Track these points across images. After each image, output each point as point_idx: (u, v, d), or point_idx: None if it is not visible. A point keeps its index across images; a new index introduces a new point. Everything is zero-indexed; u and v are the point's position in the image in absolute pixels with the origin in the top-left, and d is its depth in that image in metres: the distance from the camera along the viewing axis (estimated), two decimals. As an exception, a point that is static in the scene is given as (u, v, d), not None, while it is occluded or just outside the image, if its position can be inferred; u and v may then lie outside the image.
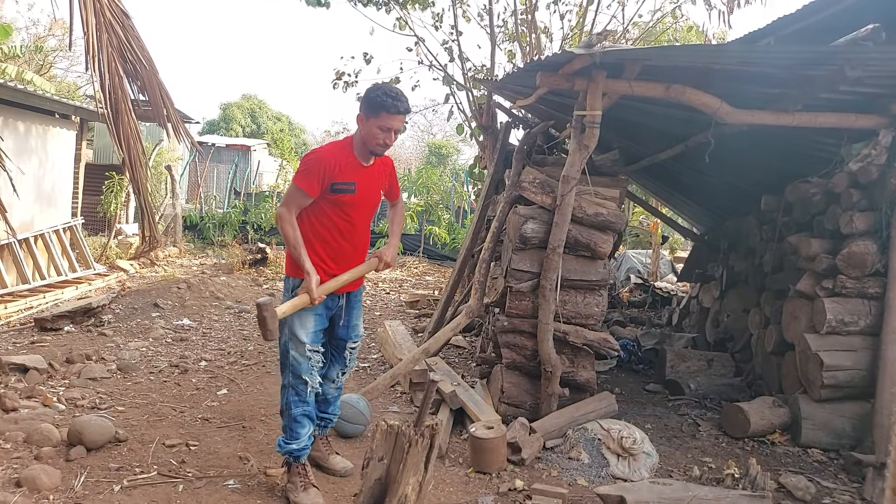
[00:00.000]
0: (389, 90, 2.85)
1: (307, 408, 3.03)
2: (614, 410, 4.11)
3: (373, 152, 2.95)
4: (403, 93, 2.89)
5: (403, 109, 2.86)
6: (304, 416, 3.03)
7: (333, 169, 2.89)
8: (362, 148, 2.96)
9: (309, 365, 3.00)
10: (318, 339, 3.04)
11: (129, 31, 5.03)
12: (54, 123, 8.82)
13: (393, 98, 2.82)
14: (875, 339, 3.99)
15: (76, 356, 4.98)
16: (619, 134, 5.41)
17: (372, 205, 3.13)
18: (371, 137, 2.89)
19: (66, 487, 2.96)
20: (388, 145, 2.93)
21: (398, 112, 2.84)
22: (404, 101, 2.86)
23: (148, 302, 7.14)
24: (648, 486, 2.81)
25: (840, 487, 3.58)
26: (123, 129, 5.27)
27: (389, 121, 2.85)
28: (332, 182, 2.90)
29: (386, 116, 2.83)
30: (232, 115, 29.95)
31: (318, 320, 3.02)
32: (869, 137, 4.03)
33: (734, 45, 3.88)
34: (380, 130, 2.85)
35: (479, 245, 5.90)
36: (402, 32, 8.63)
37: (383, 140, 2.88)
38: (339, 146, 3.01)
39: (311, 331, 2.99)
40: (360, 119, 2.93)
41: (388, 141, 2.91)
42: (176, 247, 12.00)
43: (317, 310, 2.99)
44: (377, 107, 2.82)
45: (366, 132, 2.90)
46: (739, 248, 6.18)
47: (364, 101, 2.90)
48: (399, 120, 2.88)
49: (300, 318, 2.96)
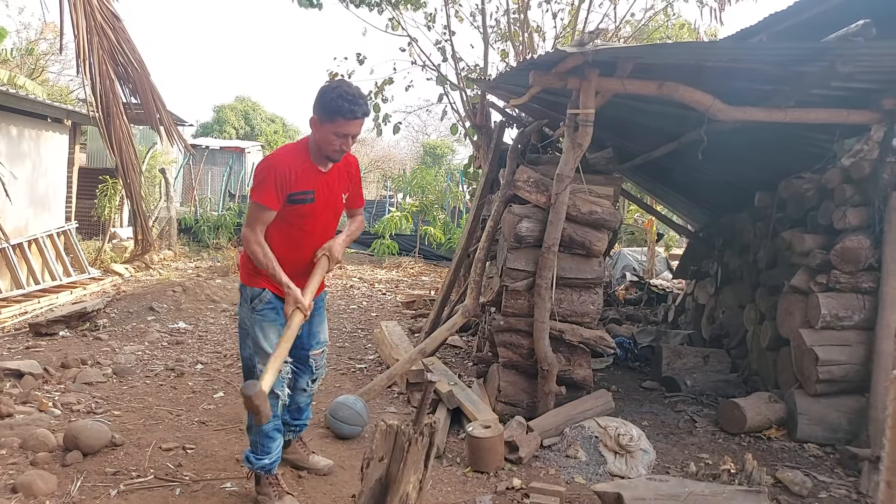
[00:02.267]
0: (346, 92, 2.58)
1: (276, 421, 2.87)
2: (611, 408, 4.11)
3: (328, 158, 2.72)
4: (361, 92, 2.65)
5: (361, 114, 2.62)
6: (275, 430, 2.89)
7: (288, 177, 2.67)
8: (318, 154, 2.73)
9: (279, 377, 2.70)
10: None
11: (120, 34, 5.02)
12: (47, 127, 8.78)
13: (349, 101, 2.56)
14: (869, 333, 4.00)
15: (71, 361, 4.96)
16: (613, 132, 5.42)
17: (333, 211, 2.91)
18: (326, 143, 2.66)
19: (63, 493, 2.95)
20: (344, 151, 2.71)
21: (355, 117, 2.60)
22: (362, 103, 2.61)
23: (143, 306, 7.12)
24: (645, 482, 2.81)
25: (836, 482, 3.59)
26: (115, 133, 5.26)
27: (346, 126, 2.61)
28: (290, 193, 2.69)
29: (342, 123, 2.59)
30: (225, 117, 29.89)
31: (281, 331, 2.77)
32: (861, 133, 4.04)
33: (726, 42, 3.90)
34: (335, 136, 2.62)
35: (474, 245, 5.90)
36: (395, 33, 8.63)
37: (339, 146, 2.66)
38: (293, 151, 2.78)
39: (276, 342, 2.73)
40: (313, 122, 2.67)
41: (345, 147, 2.68)
42: (171, 250, 11.96)
43: (277, 321, 2.80)
44: (332, 111, 2.58)
45: (320, 137, 2.66)
46: (734, 244, 6.20)
47: (318, 103, 2.62)
48: (357, 125, 2.64)
49: (263, 331, 2.80)
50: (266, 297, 2.82)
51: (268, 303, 2.82)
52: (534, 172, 4.35)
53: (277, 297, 2.81)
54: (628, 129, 5.46)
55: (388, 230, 13.08)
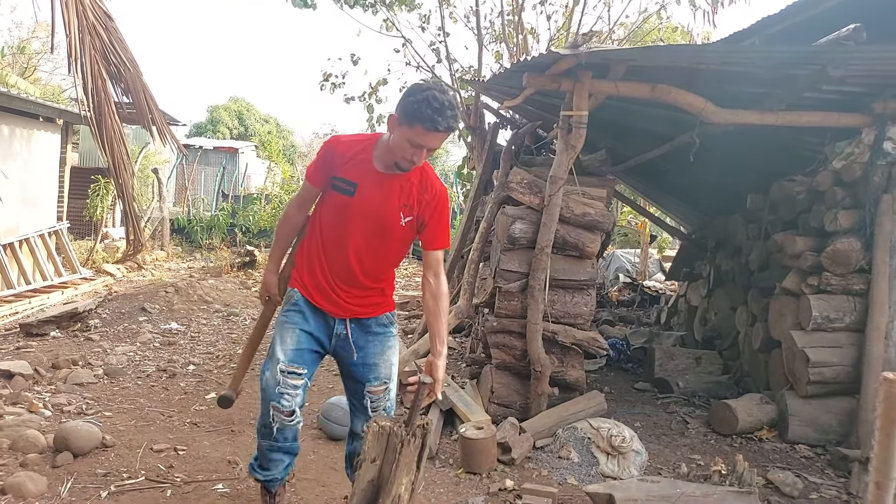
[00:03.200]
0: (433, 98, 2.15)
1: (274, 443, 2.48)
2: (604, 409, 4.12)
3: (396, 166, 2.30)
4: (453, 102, 2.21)
5: (445, 127, 2.18)
6: (276, 452, 2.52)
7: (338, 158, 2.37)
8: (385, 153, 2.33)
9: (277, 390, 2.38)
10: (300, 358, 2.42)
11: (112, 34, 5.00)
12: (39, 127, 8.73)
13: (435, 110, 2.14)
14: (860, 335, 4.03)
15: (62, 361, 4.93)
16: (606, 134, 5.43)
17: (377, 223, 2.38)
18: (397, 148, 2.25)
19: (53, 494, 2.93)
20: (415, 163, 2.28)
21: (437, 129, 2.17)
22: (449, 116, 2.17)
23: (135, 306, 7.09)
24: (637, 483, 2.82)
25: (827, 482, 3.61)
26: (107, 132, 5.24)
27: (424, 138, 2.20)
28: (333, 175, 2.38)
29: (421, 132, 2.18)
30: (219, 117, 29.80)
31: (305, 339, 2.44)
32: (852, 136, 4.06)
33: (719, 45, 3.91)
34: (409, 144, 2.22)
35: (468, 246, 5.90)
36: (390, 34, 8.63)
37: (411, 156, 2.24)
38: (358, 138, 2.45)
39: (291, 347, 2.41)
40: (391, 121, 2.28)
41: (417, 159, 2.26)
42: (163, 250, 11.92)
43: (299, 325, 2.44)
44: (413, 116, 2.17)
45: (394, 140, 2.26)
46: (726, 246, 6.23)
47: (401, 102, 2.24)
48: (437, 138, 2.21)
49: (280, 334, 2.45)
50: (294, 297, 2.49)
51: (294, 304, 2.47)
52: (527, 174, 4.36)
53: (306, 300, 2.46)
54: (622, 131, 5.48)
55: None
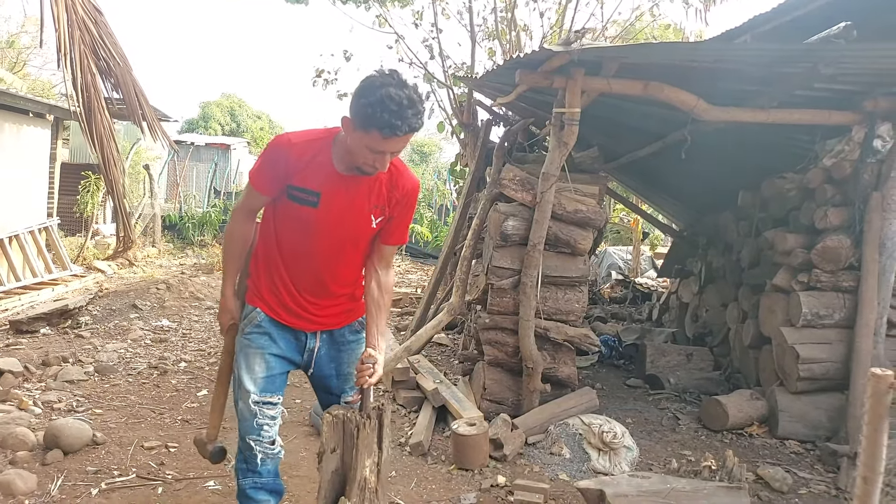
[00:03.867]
0: (390, 99, 1.85)
1: (259, 479, 2.26)
2: (595, 405, 4.14)
3: (359, 170, 2.04)
4: (415, 96, 1.91)
5: (408, 128, 1.90)
6: (256, 489, 2.27)
7: (291, 164, 2.05)
8: (346, 157, 2.05)
9: (255, 423, 2.18)
10: (271, 387, 2.21)
11: (101, 28, 4.96)
12: (28, 122, 8.66)
13: (393, 113, 1.85)
14: (849, 331, 4.06)
15: (52, 358, 4.90)
16: (599, 131, 5.44)
17: (348, 231, 2.15)
18: (358, 154, 1.98)
19: (43, 492, 2.92)
20: (379, 170, 2.02)
21: (395, 134, 1.89)
22: (411, 115, 1.89)
23: (126, 303, 7.05)
24: (627, 479, 2.83)
25: (816, 478, 3.64)
26: (97, 128, 5.20)
27: (383, 144, 1.92)
28: (289, 184, 2.07)
29: (378, 138, 1.90)
30: (211, 113, 29.67)
31: (274, 363, 2.22)
32: (843, 133, 4.09)
33: (711, 43, 3.92)
34: (368, 151, 1.94)
35: (461, 243, 5.90)
36: (382, 30, 8.62)
37: (372, 162, 1.98)
38: (311, 137, 2.11)
39: (262, 376, 2.19)
40: (345, 124, 1.98)
41: (380, 165, 1.99)
42: (155, 247, 11.86)
43: (267, 349, 2.21)
44: (368, 121, 1.88)
45: (353, 145, 1.97)
46: (717, 243, 6.26)
47: (354, 104, 1.92)
48: (399, 142, 1.94)
49: (247, 360, 2.21)
50: (256, 317, 2.22)
51: (257, 325, 2.22)
52: (520, 171, 4.36)
53: (272, 320, 2.22)
54: (614, 128, 5.49)
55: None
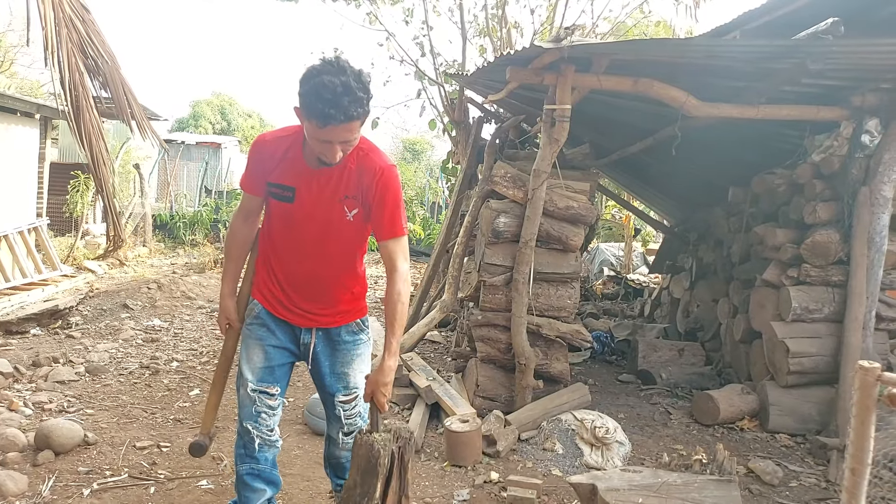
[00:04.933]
0: (324, 87, 1.85)
1: (256, 465, 2.33)
2: (588, 401, 4.15)
3: (319, 160, 2.08)
4: (352, 83, 1.87)
5: (345, 117, 1.89)
6: (253, 476, 2.34)
7: (268, 160, 2.14)
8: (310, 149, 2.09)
9: (253, 409, 2.29)
10: (269, 377, 2.30)
11: (89, 26, 4.92)
12: (16, 121, 8.58)
13: (326, 102, 1.85)
14: (839, 325, 4.09)
15: (43, 359, 4.87)
16: (590, 128, 5.46)
17: (323, 224, 2.18)
18: (311, 144, 2.04)
19: (34, 493, 2.90)
20: (335, 159, 2.03)
21: (331, 124, 1.89)
22: (346, 102, 1.87)
23: (117, 303, 7.01)
24: (619, 474, 2.85)
25: (806, 471, 3.67)
26: (86, 127, 5.16)
27: (325, 133, 1.93)
28: (268, 181, 2.17)
29: (317, 127, 1.91)
30: (201, 112, 29.53)
31: (273, 354, 2.31)
32: (831, 129, 4.12)
33: (700, 40, 3.93)
34: (317, 141, 1.97)
35: (453, 240, 5.91)
36: (373, 27, 8.59)
37: (325, 154, 2.01)
38: (285, 133, 2.19)
39: (260, 366, 2.29)
40: (297, 113, 2.01)
41: (331, 155, 2.00)
42: (146, 246, 11.79)
43: (265, 340, 2.29)
44: (306, 111, 1.92)
45: (306, 133, 2.02)
46: (708, 239, 6.29)
47: (300, 91, 1.94)
48: (341, 131, 1.93)
49: (247, 350, 2.32)
50: (255, 309, 2.32)
51: (256, 317, 2.31)
52: (511, 168, 4.37)
53: (269, 313, 2.31)
54: (605, 125, 5.51)
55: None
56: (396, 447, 2.16)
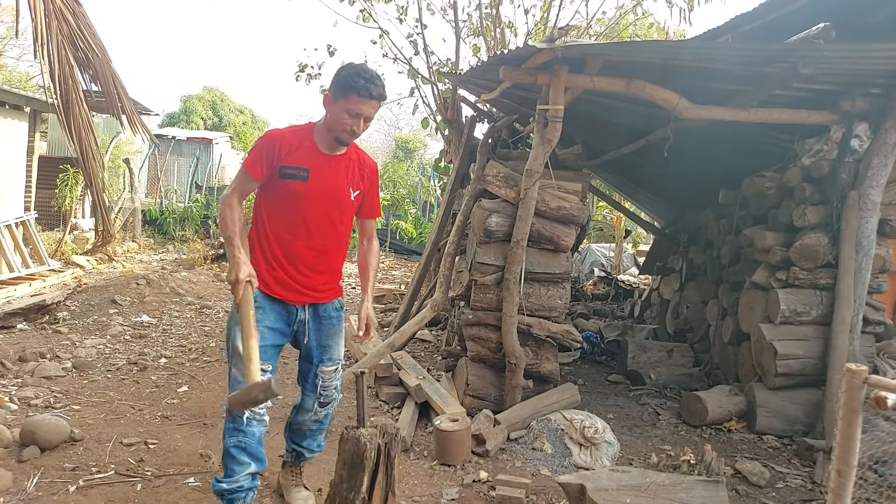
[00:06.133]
0: (364, 71, 2.46)
1: (243, 438, 2.50)
2: (577, 401, 4.16)
3: (338, 139, 2.55)
4: (380, 77, 2.51)
5: (377, 94, 2.47)
6: (240, 450, 2.50)
7: (283, 149, 2.52)
8: (325, 134, 2.57)
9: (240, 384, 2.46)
10: (263, 355, 2.45)
11: (80, 19, 4.87)
12: (5, 114, 8.50)
13: (366, 80, 2.44)
14: (826, 328, 4.12)
15: (29, 354, 4.83)
16: (582, 128, 5.47)
17: (332, 200, 2.61)
18: (337, 122, 2.50)
19: (18, 489, 2.87)
20: (356, 133, 2.52)
21: (370, 97, 2.45)
22: (379, 85, 2.48)
23: (105, 298, 6.96)
24: (608, 473, 2.86)
25: (793, 472, 3.70)
26: (75, 120, 5.11)
27: (359, 105, 2.45)
28: (281, 165, 2.52)
29: (356, 100, 2.44)
30: (192, 107, 29.31)
31: (266, 334, 2.53)
32: (821, 133, 4.15)
33: (693, 42, 3.95)
34: (347, 115, 2.46)
35: (444, 239, 5.90)
36: (366, 25, 8.56)
37: (350, 126, 2.48)
38: (295, 128, 2.65)
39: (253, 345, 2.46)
40: (327, 100, 2.53)
41: (357, 128, 2.50)
42: (135, 242, 11.71)
43: (263, 321, 2.50)
44: (347, 88, 2.44)
45: (332, 115, 2.52)
46: (698, 241, 6.32)
47: (334, 80, 2.52)
48: (371, 106, 2.49)
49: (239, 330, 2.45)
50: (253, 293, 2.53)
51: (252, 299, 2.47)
52: (503, 167, 4.37)
53: (265, 294, 2.55)
54: (597, 125, 5.52)
55: (358, 224, 13.00)
56: (383, 442, 2.16)
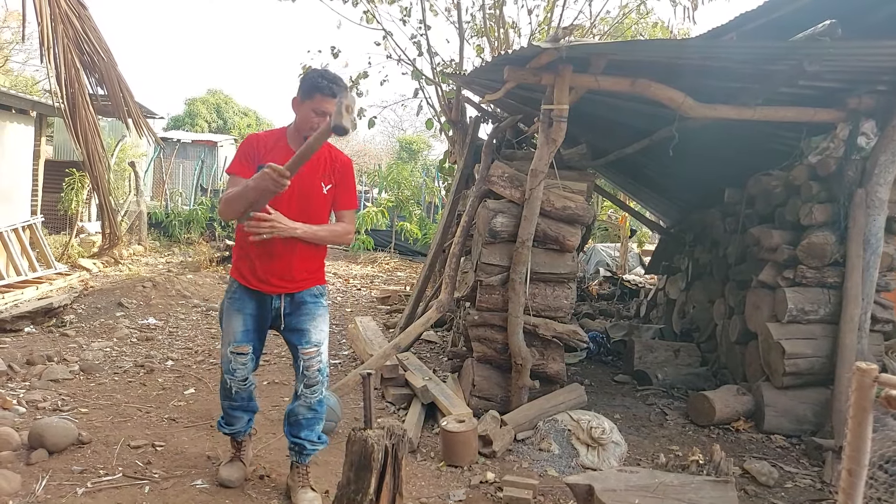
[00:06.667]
0: (326, 73, 2.76)
1: (233, 403, 3.01)
2: (584, 401, 4.15)
3: (306, 138, 2.64)
4: (342, 78, 2.79)
5: (338, 92, 2.63)
6: (234, 409, 3.04)
7: (260, 150, 2.80)
8: (296, 135, 2.82)
9: (231, 366, 2.89)
10: (244, 339, 2.88)
11: (85, 22, 4.88)
12: (11, 119, 8.54)
13: (329, 80, 2.71)
14: (834, 327, 4.10)
15: (37, 357, 4.85)
16: (587, 128, 5.45)
17: (305, 196, 2.81)
18: (305, 121, 2.76)
19: (27, 492, 2.88)
20: None
21: (332, 95, 2.67)
22: (341, 85, 2.73)
23: (112, 301, 6.98)
24: (616, 474, 2.85)
25: (802, 472, 3.68)
26: (81, 124, 5.13)
27: (324, 103, 2.70)
28: (259, 165, 2.67)
29: (320, 98, 2.70)
30: (197, 110, 29.36)
31: (248, 320, 2.88)
32: (827, 131, 4.13)
33: (697, 41, 3.94)
34: (314, 114, 2.72)
35: (449, 240, 5.90)
36: (370, 26, 8.58)
37: (317, 124, 2.69)
38: (272, 131, 2.94)
39: (237, 330, 2.87)
40: (294, 103, 2.82)
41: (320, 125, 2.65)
42: (141, 245, 11.75)
43: (244, 309, 2.87)
44: (312, 88, 2.72)
45: (300, 116, 2.79)
46: (704, 240, 6.30)
47: (300, 85, 2.80)
48: (334, 104, 2.56)
49: (229, 318, 2.90)
50: (234, 285, 2.93)
51: (234, 292, 2.92)
52: (508, 168, 4.37)
53: (244, 287, 2.89)
54: (602, 125, 5.50)
55: (363, 225, 13.04)
56: (390, 443, 2.16)
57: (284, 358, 5.50)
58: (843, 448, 1.73)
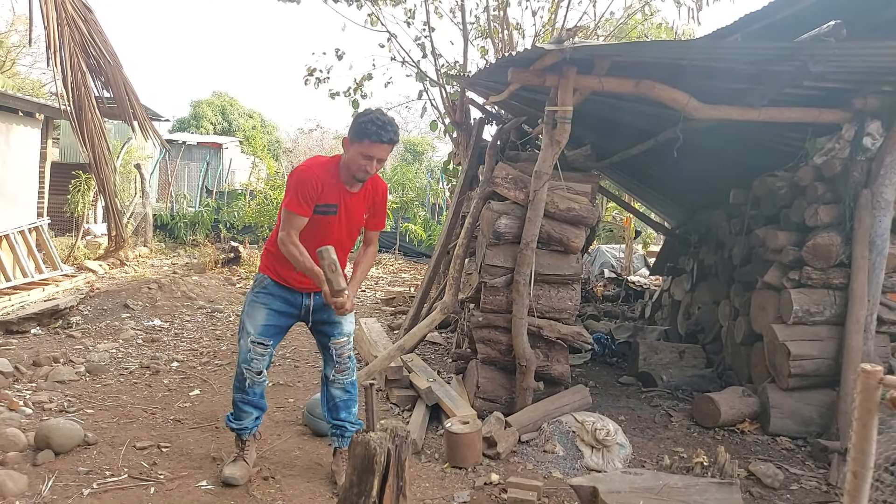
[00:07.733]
0: (377, 118, 2.81)
1: (245, 396, 3.14)
2: (588, 403, 4.15)
3: (355, 177, 2.93)
4: (393, 121, 2.86)
5: (387, 139, 2.81)
6: (244, 404, 3.16)
7: (317, 189, 2.91)
8: (346, 172, 2.94)
9: (248, 356, 3.06)
10: (267, 333, 3.07)
11: (91, 26, 4.92)
12: (18, 121, 8.58)
13: (378, 126, 2.78)
14: (840, 328, 4.09)
15: (43, 359, 4.87)
16: (591, 129, 5.45)
17: (353, 225, 3.11)
18: (353, 162, 2.87)
19: (33, 493, 2.90)
20: (369, 173, 2.91)
21: (380, 141, 2.80)
22: (390, 130, 2.82)
23: (118, 303, 7.01)
24: (620, 476, 2.84)
25: (807, 474, 3.67)
26: (87, 126, 5.16)
27: (372, 149, 2.81)
28: (316, 203, 2.92)
29: (368, 144, 2.80)
30: (202, 112, 29.46)
31: (272, 316, 3.08)
32: (832, 131, 4.12)
33: (702, 42, 3.93)
34: (362, 157, 2.84)
35: (453, 241, 5.90)
36: (374, 28, 8.59)
37: (364, 167, 2.86)
38: (324, 166, 2.99)
39: (261, 323, 3.06)
40: (345, 143, 2.92)
41: (370, 169, 2.88)
42: (146, 246, 11.80)
43: (271, 304, 3.07)
44: (361, 133, 2.80)
45: (349, 157, 2.89)
46: (709, 241, 6.28)
47: (352, 126, 2.89)
48: (383, 149, 2.84)
49: (252, 311, 3.08)
50: (265, 282, 3.10)
51: (264, 287, 3.10)
52: (512, 169, 4.37)
53: (276, 283, 3.07)
54: (606, 126, 5.50)
55: (367, 227, 13.03)
56: (393, 445, 2.16)
57: (289, 360, 5.52)
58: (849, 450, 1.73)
